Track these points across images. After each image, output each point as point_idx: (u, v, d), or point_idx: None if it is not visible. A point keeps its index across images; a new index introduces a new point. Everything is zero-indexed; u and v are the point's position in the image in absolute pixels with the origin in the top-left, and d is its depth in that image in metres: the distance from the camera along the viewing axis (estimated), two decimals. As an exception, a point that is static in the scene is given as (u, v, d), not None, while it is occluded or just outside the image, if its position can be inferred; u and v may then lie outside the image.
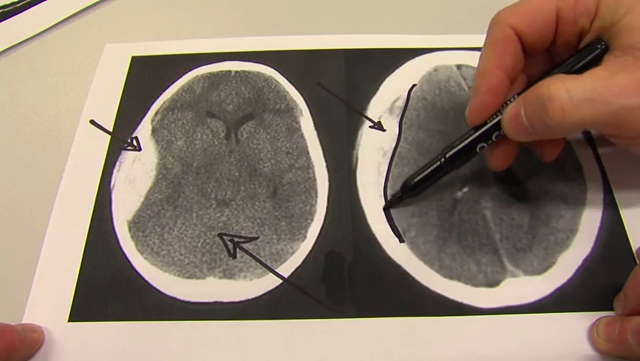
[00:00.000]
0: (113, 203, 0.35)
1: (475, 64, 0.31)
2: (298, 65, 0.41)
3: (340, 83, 0.39)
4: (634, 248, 0.32)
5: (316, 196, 0.35)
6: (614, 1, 0.28)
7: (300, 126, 0.38)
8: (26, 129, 0.39)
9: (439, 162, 0.32)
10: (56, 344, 0.30)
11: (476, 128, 0.31)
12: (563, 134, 0.31)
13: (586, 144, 0.36)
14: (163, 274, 0.32)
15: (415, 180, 0.32)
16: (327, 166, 0.36)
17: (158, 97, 0.39)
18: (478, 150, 0.31)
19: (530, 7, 0.30)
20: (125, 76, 0.41)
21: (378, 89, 0.39)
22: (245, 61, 0.41)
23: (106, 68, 0.41)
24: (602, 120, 0.26)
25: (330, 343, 0.30)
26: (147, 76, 0.41)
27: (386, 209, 0.34)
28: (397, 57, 0.41)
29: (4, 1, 0.46)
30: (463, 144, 0.31)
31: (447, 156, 0.31)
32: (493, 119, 0.30)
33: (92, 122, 0.38)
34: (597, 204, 0.34)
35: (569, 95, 0.26)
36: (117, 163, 0.36)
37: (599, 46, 0.29)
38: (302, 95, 0.39)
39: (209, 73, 0.41)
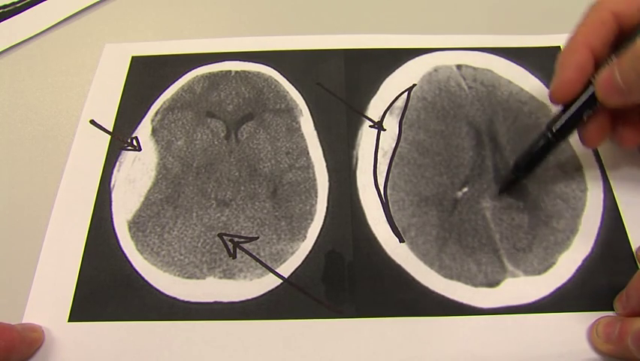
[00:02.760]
0: (113, 203, 0.35)
1: (475, 64, 0.31)
2: (298, 65, 0.41)
3: (340, 83, 0.39)
4: (634, 248, 0.32)
5: (316, 196, 0.35)
6: None
7: (300, 126, 0.38)
8: (26, 129, 0.39)
9: (547, 138, 0.31)
10: (56, 344, 0.30)
11: (566, 106, 0.31)
12: None
13: (586, 144, 0.36)
14: (163, 274, 0.32)
15: (527, 159, 0.32)
16: (327, 166, 0.36)
17: (158, 97, 0.39)
18: (585, 118, 0.30)
19: None
20: (125, 76, 0.41)
21: (378, 89, 0.39)
22: (245, 61, 0.41)
23: (106, 68, 0.41)
24: None
25: (330, 343, 0.30)
26: (147, 76, 0.41)
27: (384, 204, 0.34)
28: (397, 57, 0.41)
29: (4, 1, 0.46)
30: (569, 114, 0.31)
31: (554, 130, 0.31)
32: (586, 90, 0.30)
33: (92, 122, 0.38)
34: (597, 204, 0.34)
35: None
36: (117, 163, 0.36)
37: None
38: (302, 95, 0.39)
39: (209, 73, 0.41)
